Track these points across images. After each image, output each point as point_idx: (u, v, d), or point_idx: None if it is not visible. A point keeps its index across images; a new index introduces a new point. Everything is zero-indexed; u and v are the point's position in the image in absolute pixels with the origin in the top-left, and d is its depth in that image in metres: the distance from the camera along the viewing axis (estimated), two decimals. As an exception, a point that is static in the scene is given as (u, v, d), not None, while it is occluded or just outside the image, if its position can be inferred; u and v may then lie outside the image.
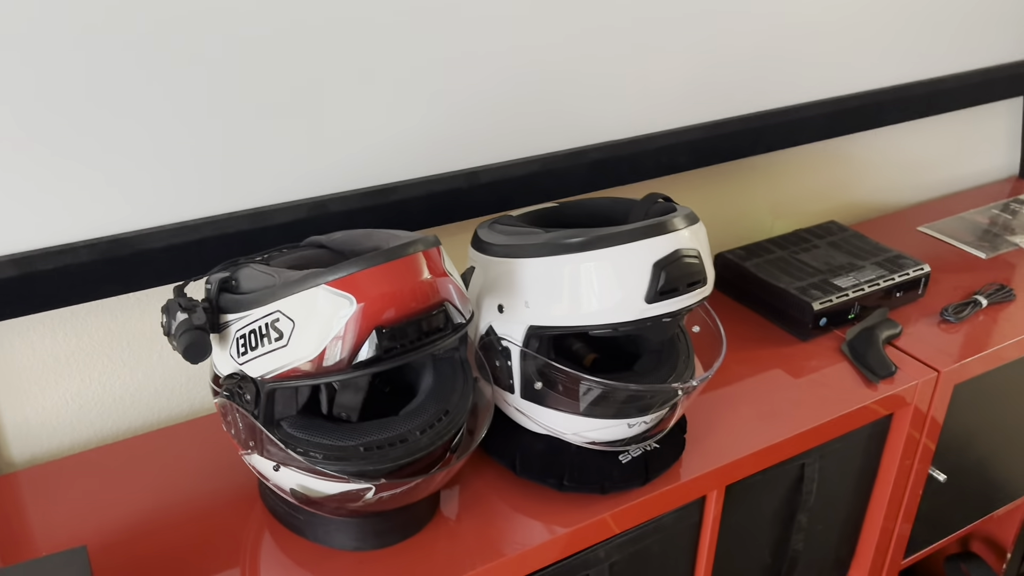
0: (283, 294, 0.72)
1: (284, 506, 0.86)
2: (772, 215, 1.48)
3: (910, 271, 1.25)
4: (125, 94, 0.87)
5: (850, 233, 1.36)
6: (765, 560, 1.13)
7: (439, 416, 0.79)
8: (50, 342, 0.96)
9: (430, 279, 0.73)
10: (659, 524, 0.96)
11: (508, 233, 0.88)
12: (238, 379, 0.77)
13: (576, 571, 0.92)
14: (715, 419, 1.02)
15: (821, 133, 1.37)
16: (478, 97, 1.06)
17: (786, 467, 1.06)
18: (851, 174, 1.54)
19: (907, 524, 1.24)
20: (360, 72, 0.98)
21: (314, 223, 0.99)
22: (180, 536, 0.86)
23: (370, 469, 0.76)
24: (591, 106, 1.15)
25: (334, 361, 0.71)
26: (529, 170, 1.11)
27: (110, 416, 1.02)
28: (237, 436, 0.81)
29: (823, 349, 1.17)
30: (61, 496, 0.91)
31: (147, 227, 0.93)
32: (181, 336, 0.74)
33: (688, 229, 0.81)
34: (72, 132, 0.86)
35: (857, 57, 1.37)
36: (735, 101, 1.27)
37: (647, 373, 0.88)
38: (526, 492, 0.91)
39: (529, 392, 0.87)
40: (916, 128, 1.58)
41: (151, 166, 0.91)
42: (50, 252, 0.88)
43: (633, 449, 0.91)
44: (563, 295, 0.82)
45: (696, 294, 0.82)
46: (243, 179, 0.96)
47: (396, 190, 1.03)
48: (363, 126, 1.01)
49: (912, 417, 1.13)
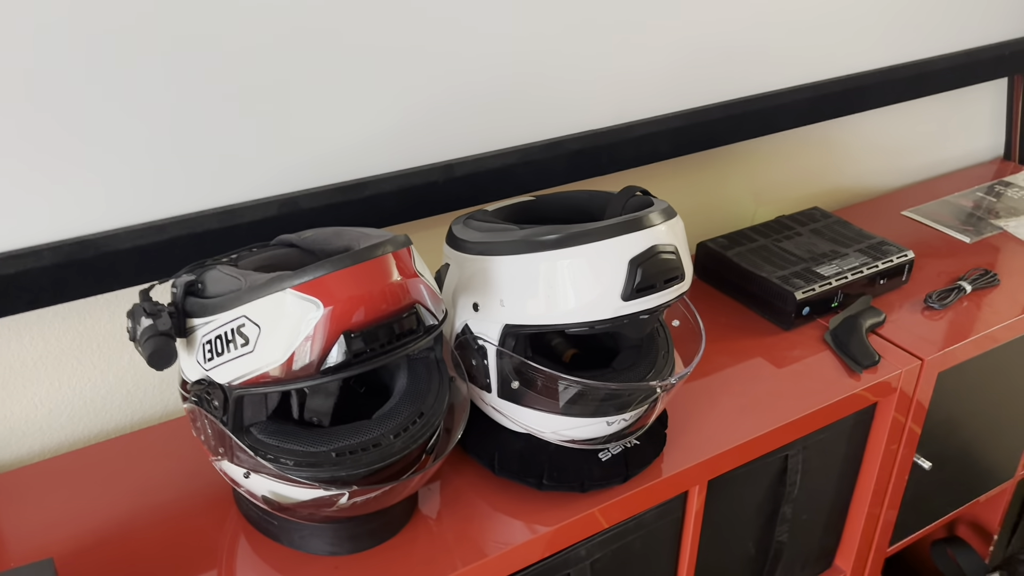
0: (249, 299, 0.70)
1: (257, 511, 0.84)
2: (754, 202, 1.47)
3: (894, 258, 1.24)
4: (85, 91, 0.84)
5: (833, 219, 1.35)
6: (749, 553, 1.13)
7: (413, 419, 0.78)
8: (16, 346, 0.94)
9: (400, 280, 0.71)
10: (641, 521, 0.95)
11: (483, 229, 0.86)
12: (206, 385, 0.75)
13: (558, 570, 0.91)
14: (696, 412, 1.01)
15: (803, 118, 1.35)
16: (452, 88, 1.04)
17: (769, 459, 1.05)
18: (834, 159, 1.53)
19: (892, 511, 1.24)
20: (330, 65, 0.95)
21: (285, 220, 0.97)
22: (154, 542, 0.85)
23: (343, 475, 0.74)
24: (568, 95, 1.13)
25: (302, 366, 0.69)
26: (506, 162, 1.09)
27: (81, 420, 1.00)
28: (207, 442, 0.79)
29: (806, 339, 1.16)
30: (31, 503, 0.89)
31: (113, 228, 0.90)
32: (146, 343, 0.72)
33: (665, 224, 0.79)
34: (32, 132, 0.83)
35: (839, 41, 1.35)
36: (715, 88, 1.25)
37: (626, 370, 0.86)
38: (506, 491, 0.90)
39: (506, 391, 0.86)
40: (899, 111, 1.57)
41: (115, 165, 0.88)
42: (12, 256, 0.85)
43: (613, 446, 0.90)
44: (539, 293, 0.80)
45: (673, 290, 0.80)
46: (211, 177, 0.94)
47: (368, 185, 1.01)
48: (334, 120, 0.98)
49: (896, 405, 1.12)
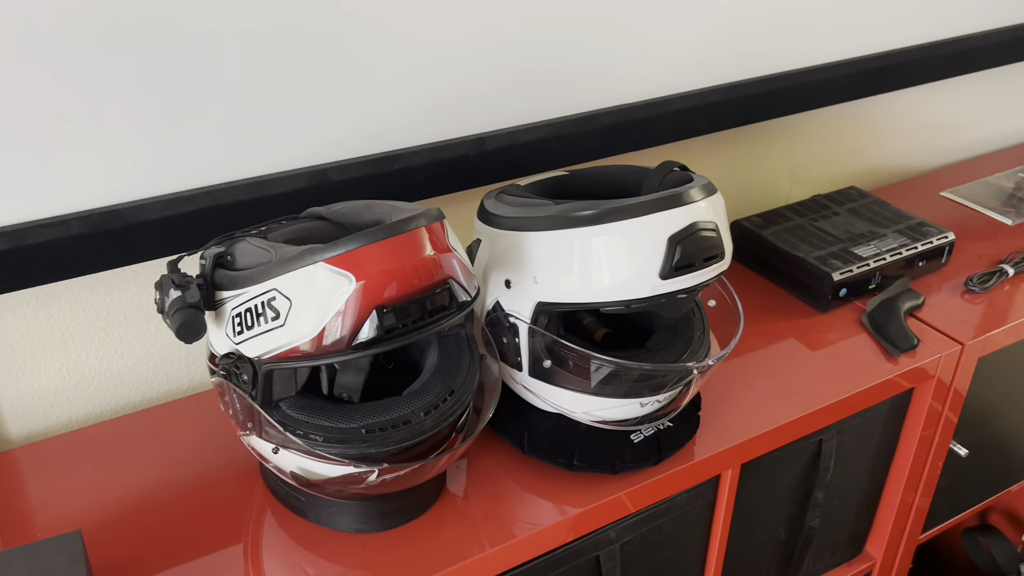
0: (279, 271, 0.69)
1: (285, 487, 0.83)
2: (790, 181, 1.43)
3: (933, 239, 1.21)
4: (117, 60, 0.82)
5: (871, 199, 1.31)
6: (780, 537, 1.11)
7: (444, 396, 0.76)
8: (44, 317, 0.93)
9: (433, 255, 0.69)
10: (672, 504, 0.94)
11: (516, 204, 0.84)
12: (235, 359, 0.74)
13: (587, 552, 0.90)
14: (730, 395, 0.99)
15: (842, 95, 1.32)
16: (485, 60, 1.02)
17: (803, 443, 1.03)
18: (872, 137, 1.49)
19: (926, 498, 1.22)
20: (361, 36, 0.93)
21: (314, 193, 0.95)
22: (179, 515, 0.84)
23: (372, 452, 0.73)
24: (603, 68, 1.10)
25: (333, 341, 0.68)
26: (538, 136, 1.07)
27: (108, 392, 1.00)
28: (235, 417, 0.78)
29: (842, 321, 1.13)
30: (59, 474, 0.89)
31: (141, 198, 0.89)
32: (174, 315, 0.71)
33: (705, 200, 0.77)
34: (63, 101, 0.82)
35: (880, 15, 1.31)
36: (753, 62, 1.22)
37: (660, 350, 0.84)
38: (535, 471, 0.89)
39: (537, 370, 0.84)
40: (940, 88, 1.52)
41: (144, 135, 0.87)
42: (41, 225, 0.85)
43: (645, 428, 0.88)
44: (573, 270, 0.78)
45: (713, 269, 0.78)
46: (240, 147, 0.92)
47: (399, 158, 0.99)
48: (364, 92, 0.96)
49: (934, 391, 1.09)
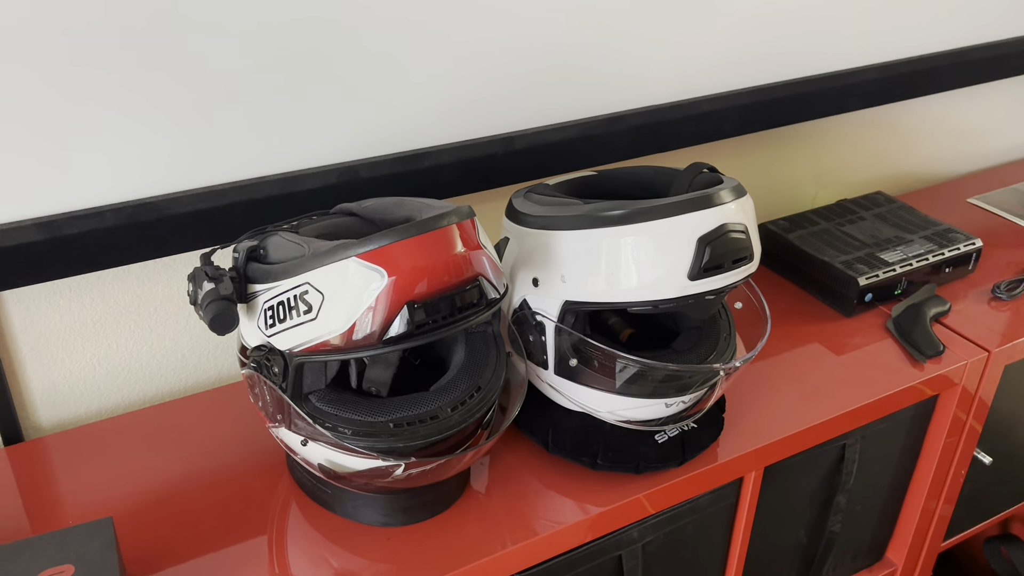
0: (312, 265, 0.70)
1: (311, 479, 0.84)
2: (815, 184, 1.43)
3: (961, 246, 1.20)
4: (152, 55, 0.84)
5: (897, 205, 1.31)
6: (801, 541, 1.11)
7: (471, 392, 0.77)
8: (77, 307, 0.95)
9: (464, 252, 0.70)
10: (695, 505, 0.94)
11: (544, 203, 0.85)
12: (266, 351, 0.75)
13: (608, 551, 0.90)
14: (754, 397, 0.99)
15: (871, 99, 1.31)
16: (514, 59, 1.02)
17: (826, 448, 1.03)
18: (899, 142, 1.48)
19: (949, 506, 1.21)
20: (391, 34, 0.94)
21: (344, 189, 0.96)
22: (207, 504, 0.85)
23: (400, 446, 0.74)
24: (632, 69, 1.10)
25: (364, 335, 0.69)
26: (566, 136, 1.07)
27: (137, 382, 1.01)
28: (264, 409, 0.79)
29: (868, 326, 1.13)
30: (89, 461, 0.90)
31: (174, 191, 0.90)
32: (208, 307, 0.72)
33: (735, 202, 0.77)
34: (98, 94, 0.83)
35: (910, 19, 1.30)
36: (782, 64, 1.22)
37: (687, 351, 0.84)
38: (558, 469, 0.89)
39: (563, 368, 0.85)
40: (969, 94, 1.51)
41: (178, 129, 0.88)
42: (76, 216, 0.86)
43: (670, 429, 0.89)
44: (601, 270, 0.78)
45: (742, 271, 0.78)
46: (272, 143, 0.93)
47: (428, 156, 1.00)
48: (394, 90, 0.97)
49: (959, 398, 1.09)
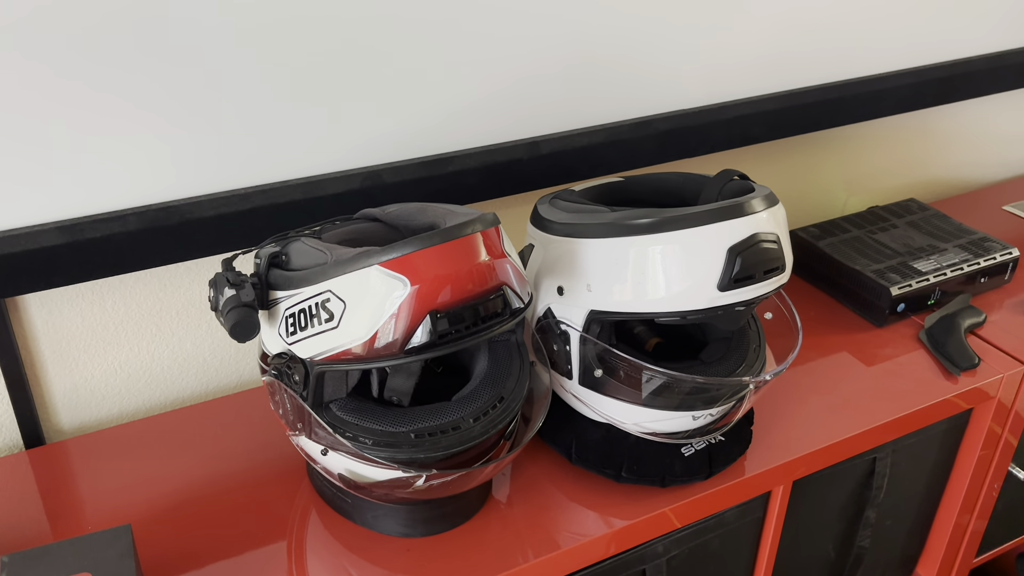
0: (335, 273, 0.69)
1: (331, 488, 0.83)
2: (846, 191, 1.40)
3: (997, 255, 1.17)
4: (174, 57, 0.83)
5: (931, 212, 1.28)
6: (829, 556, 1.08)
7: (493, 403, 0.76)
8: (99, 310, 0.94)
9: (488, 261, 0.68)
10: (721, 519, 0.92)
11: (570, 210, 0.83)
12: (287, 359, 0.74)
13: (632, 566, 0.88)
14: (783, 409, 0.97)
15: (904, 105, 1.28)
16: (540, 63, 1.01)
17: (856, 461, 1.00)
18: (932, 148, 1.45)
19: (982, 521, 1.18)
20: (415, 38, 0.93)
21: (368, 194, 0.95)
22: (226, 511, 0.84)
23: (421, 457, 0.73)
24: (660, 73, 1.08)
25: (386, 344, 0.67)
26: (593, 141, 1.06)
27: (158, 386, 1.01)
28: (285, 417, 0.78)
29: (900, 336, 1.10)
30: (109, 466, 0.90)
31: (197, 195, 0.90)
32: (228, 313, 0.71)
33: (767, 211, 0.75)
34: (121, 97, 0.83)
35: (944, 23, 1.27)
36: (813, 69, 1.19)
37: (715, 363, 0.82)
38: (582, 481, 0.87)
39: (588, 379, 0.83)
40: (1004, 100, 1.48)
41: (202, 133, 0.87)
42: (98, 219, 0.86)
43: (696, 442, 0.87)
44: (628, 279, 0.77)
45: (773, 282, 0.76)
46: (295, 147, 0.92)
47: (453, 160, 0.99)
48: (419, 94, 0.96)
49: (995, 412, 1.06)
